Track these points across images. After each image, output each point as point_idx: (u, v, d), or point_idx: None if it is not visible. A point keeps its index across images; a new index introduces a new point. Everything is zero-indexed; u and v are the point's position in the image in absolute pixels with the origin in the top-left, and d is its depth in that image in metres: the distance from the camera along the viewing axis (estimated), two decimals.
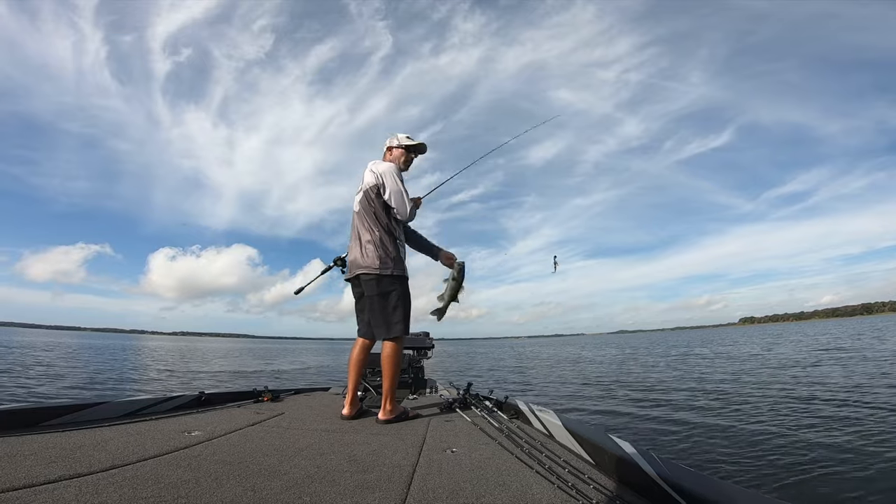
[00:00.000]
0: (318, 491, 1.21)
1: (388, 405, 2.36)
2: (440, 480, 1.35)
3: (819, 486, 2.86)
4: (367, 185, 2.50)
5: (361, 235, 2.47)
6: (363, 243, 2.45)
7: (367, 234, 2.45)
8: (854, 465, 3.16)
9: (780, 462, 3.32)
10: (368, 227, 2.46)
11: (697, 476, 1.17)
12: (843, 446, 3.62)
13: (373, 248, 2.41)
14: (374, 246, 2.42)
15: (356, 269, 2.44)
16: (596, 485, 1.29)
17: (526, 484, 1.33)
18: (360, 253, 2.44)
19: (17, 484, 1.11)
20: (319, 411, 2.57)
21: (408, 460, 1.56)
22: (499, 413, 2.29)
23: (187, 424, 1.98)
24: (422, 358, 3.86)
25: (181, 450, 1.56)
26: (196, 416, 2.21)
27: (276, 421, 2.22)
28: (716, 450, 3.76)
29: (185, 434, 1.79)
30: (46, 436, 1.59)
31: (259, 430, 2.00)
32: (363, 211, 2.49)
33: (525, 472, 1.45)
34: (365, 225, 2.47)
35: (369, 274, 2.40)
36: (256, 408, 2.57)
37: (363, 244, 2.44)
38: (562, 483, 1.30)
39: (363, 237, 2.46)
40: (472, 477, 1.39)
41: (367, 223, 2.46)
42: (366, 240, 2.44)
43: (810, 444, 3.73)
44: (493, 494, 1.24)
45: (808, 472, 3.09)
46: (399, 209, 2.48)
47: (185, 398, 2.48)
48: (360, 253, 2.44)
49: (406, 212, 2.49)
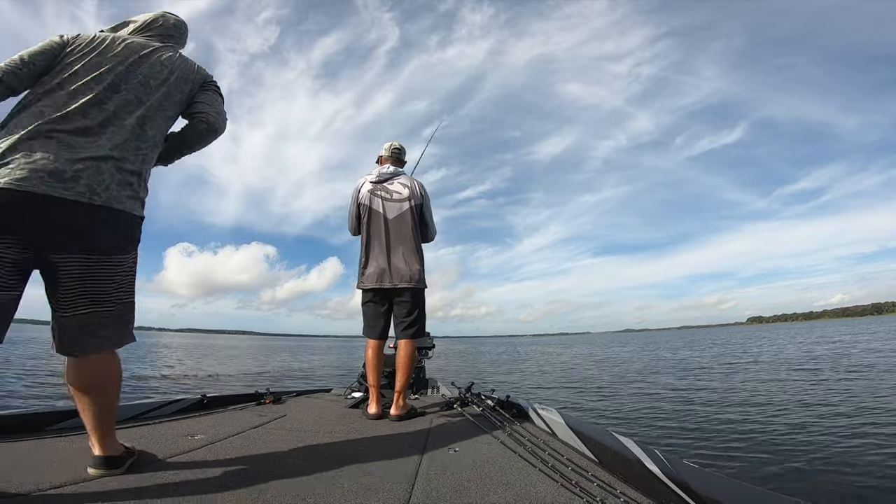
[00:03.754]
0: (322, 493, 1.21)
1: (401, 401, 2.43)
2: (443, 480, 1.35)
3: (825, 482, 2.86)
4: (415, 199, 2.58)
5: (402, 246, 2.51)
6: (405, 254, 2.50)
7: (411, 246, 2.52)
8: (860, 463, 3.16)
9: (786, 459, 3.32)
10: (413, 240, 2.53)
11: (702, 473, 1.17)
12: (850, 444, 3.62)
13: (416, 262, 2.51)
14: (417, 260, 2.52)
15: (402, 280, 2.47)
16: (600, 482, 1.29)
17: (529, 482, 1.33)
18: (405, 264, 2.48)
19: (24, 489, 1.11)
20: (322, 413, 2.57)
21: (411, 460, 1.56)
22: (501, 412, 2.30)
23: (190, 428, 1.99)
24: (423, 358, 3.85)
25: (184, 453, 1.56)
26: (199, 420, 2.22)
27: (278, 423, 2.23)
28: (720, 447, 3.76)
29: (187, 437, 1.79)
30: (52, 440, 1.59)
31: (261, 432, 2.00)
32: (408, 222, 2.54)
33: (528, 470, 1.45)
34: (408, 236, 2.53)
35: (418, 288, 2.51)
36: (259, 410, 2.57)
37: (406, 255, 2.50)
38: (565, 481, 1.30)
39: (405, 248, 2.51)
40: (476, 476, 1.39)
41: (411, 234, 2.54)
42: (410, 252, 2.51)
43: (816, 441, 3.73)
44: (497, 493, 1.24)
45: (814, 468, 3.09)
46: (433, 233, 2.70)
47: (188, 401, 2.48)
48: (405, 264, 2.48)
49: (436, 236, 2.74)
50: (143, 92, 1.33)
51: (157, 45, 1.44)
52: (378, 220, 2.55)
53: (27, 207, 1.07)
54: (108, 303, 1.22)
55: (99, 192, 1.16)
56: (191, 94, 1.48)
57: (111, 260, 1.22)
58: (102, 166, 1.18)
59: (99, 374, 1.26)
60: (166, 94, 1.39)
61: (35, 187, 1.07)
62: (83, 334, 1.19)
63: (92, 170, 1.16)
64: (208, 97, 1.52)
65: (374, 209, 2.56)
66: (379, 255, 2.51)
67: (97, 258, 1.19)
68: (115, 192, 1.20)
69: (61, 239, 1.13)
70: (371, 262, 2.53)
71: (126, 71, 1.32)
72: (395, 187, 2.60)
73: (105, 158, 1.20)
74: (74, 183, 1.12)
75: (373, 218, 2.56)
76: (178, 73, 1.44)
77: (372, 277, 2.51)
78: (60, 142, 1.15)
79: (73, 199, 1.12)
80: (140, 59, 1.36)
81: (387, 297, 2.54)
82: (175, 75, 1.42)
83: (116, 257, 1.23)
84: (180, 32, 1.60)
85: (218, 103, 1.54)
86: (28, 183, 1.07)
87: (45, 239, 1.11)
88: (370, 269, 2.53)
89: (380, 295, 2.53)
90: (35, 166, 1.09)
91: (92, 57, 1.29)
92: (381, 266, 2.49)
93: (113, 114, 1.25)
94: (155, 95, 1.35)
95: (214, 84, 1.56)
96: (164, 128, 1.40)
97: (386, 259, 2.50)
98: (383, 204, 2.56)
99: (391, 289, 2.49)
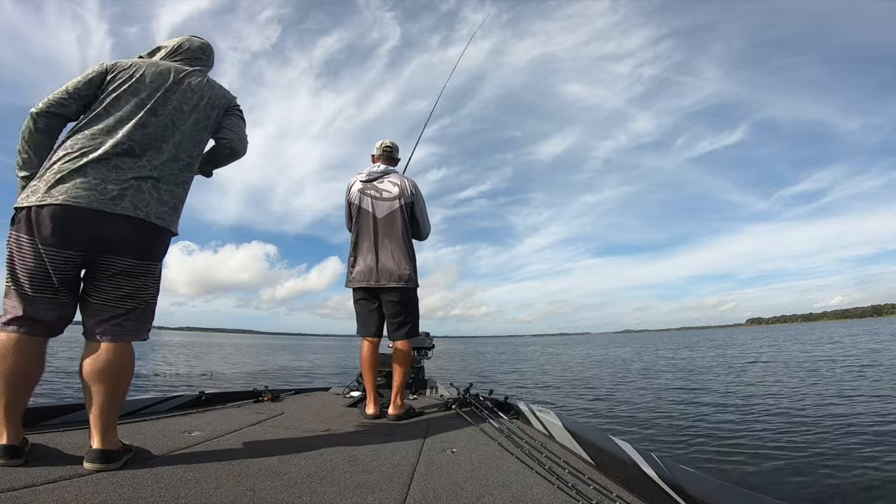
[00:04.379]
0: (318, 491, 1.21)
1: (398, 400, 2.44)
2: (440, 480, 1.35)
3: (822, 487, 2.86)
4: (406, 198, 2.56)
5: (391, 244, 2.50)
6: (394, 253, 2.49)
7: (400, 244, 2.51)
8: (860, 468, 3.15)
9: (784, 463, 3.31)
10: (402, 238, 2.52)
11: (698, 477, 1.16)
12: (849, 448, 3.61)
13: (405, 261, 2.50)
14: (407, 259, 2.51)
15: (390, 279, 2.46)
16: (596, 485, 1.29)
17: (526, 484, 1.33)
18: (394, 263, 2.47)
19: (18, 484, 1.11)
20: (319, 411, 2.57)
21: (408, 460, 1.56)
22: (499, 413, 2.29)
23: (187, 424, 1.99)
24: (422, 358, 3.85)
25: (181, 450, 1.56)
26: (196, 416, 2.21)
27: (276, 421, 2.23)
28: (717, 450, 3.75)
29: (185, 434, 1.79)
30: (46, 435, 1.59)
31: (259, 430, 2.00)
32: (397, 221, 2.53)
33: (525, 472, 1.45)
34: (398, 235, 2.52)
35: (408, 287, 2.50)
36: (256, 408, 2.57)
37: (394, 254, 2.49)
38: (562, 483, 1.30)
39: (394, 246, 2.50)
40: (472, 477, 1.39)
41: (400, 233, 2.52)
42: (399, 251, 2.50)
43: (814, 445, 3.72)
44: (493, 495, 1.24)
45: (812, 473, 3.08)
46: (426, 230, 2.68)
47: (185, 398, 2.48)
48: (394, 263, 2.47)
49: (429, 234, 2.70)
50: (178, 117, 1.49)
51: (188, 69, 1.59)
52: (367, 219, 2.54)
53: (82, 222, 1.28)
54: (134, 300, 1.40)
55: (140, 208, 1.36)
56: (217, 119, 1.64)
57: (143, 265, 1.40)
58: (143, 185, 1.38)
59: (113, 364, 1.33)
60: (197, 119, 1.54)
61: (89, 204, 1.28)
62: (108, 321, 1.35)
63: (134, 188, 1.36)
64: (232, 122, 1.68)
65: (363, 208, 2.55)
66: (367, 254, 2.51)
67: (134, 262, 1.38)
68: (153, 209, 1.39)
69: (108, 246, 1.33)
70: (359, 261, 2.53)
71: (163, 97, 1.48)
72: (384, 185, 2.58)
73: (146, 178, 1.39)
74: (121, 200, 1.32)
75: (362, 216, 2.55)
76: (208, 98, 1.59)
77: (360, 276, 2.51)
78: (109, 162, 1.34)
79: (120, 213, 1.32)
80: (173, 85, 1.51)
81: (376, 296, 2.54)
82: (205, 101, 1.57)
83: (148, 264, 1.42)
84: (206, 55, 1.73)
85: (240, 129, 1.70)
86: (83, 200, 1.27)
87: (95, 246, 1.32)
88: (358, 268, 2.52)
89: (369, 293, 2.53)
90: (88, 185, 1.29)
91: (131, 84, 1.45)
92: (370, 265, 2.49)
93: (152, 137, 1.42)
94: (187, 121, 1.52)
95: (238, 109, 1.72)
96: (195, 151, 1.56)
97: (374, 258, 2.49)
98: (372, 203, 2.55)
99: (379, 288, 2.49)
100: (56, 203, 1.25)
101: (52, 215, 1.25)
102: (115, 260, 1.35)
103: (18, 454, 1.26)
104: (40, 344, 1.31)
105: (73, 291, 1.36)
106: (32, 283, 1.27)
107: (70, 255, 1.29)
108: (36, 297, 1.28)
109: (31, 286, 1.27)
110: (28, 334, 1.27)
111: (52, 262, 1.27)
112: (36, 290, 1.28)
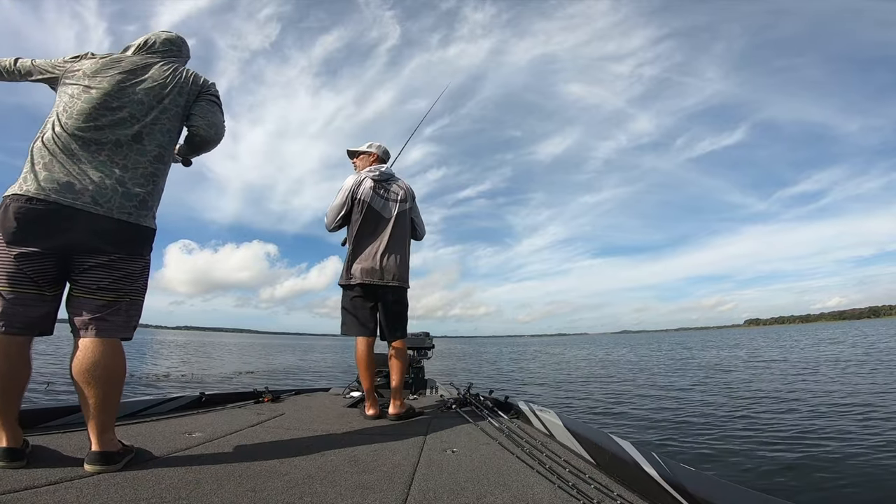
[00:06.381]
0: (319, 491, 1.21)
1: (398, 399, 2.46)
2: (441, 480, 1.35)
3: (824, 486, 2.86)
4: (409, 201, 2.67)
5: (397, 245, 2.55)
6: (398, 254, 2.54)
7: (404, 246, 2.60)
8: (861, 467, 3.16)
9: (783, 463, 3.32)
10: (404, 241, 2.60)
11: (699, 476, 1.16)
12: (849, 447, 3.62)
13: (405, 262, 2.58)
14: (407, 260, 2.59)
15: (392, 279, 2.49)
16: (597, 485, 1.29)
17: (527, 484, 1.33)
18: (396, 264, 2.52)
19: (19, 486, 1.11)
20: (320, 412, 2.57)
21: (408, 460, 1.56)
22: (499, 413, 2.29)
23: (188, 425, 1.99)
24: (422, 358, 3.86)
25: (182, 451, 1.56)
26: (197, 417, 2.21)
27: (276, 422, 2.23)
28: (718, 449, 3.76)
29: (185, 435, 1.79)
30: (47, 437, 1.59)
31: (259, 430, 2.00)
32: (405, 223, 2.62)
33: (526, 471, 1.45)
34: (404, 237, 2.60)
35: (404, 287, 2.58)
36: (257, 408, 2.57)
37: (398, 255, 2.54)
38: (563, 483, 1.30)
39: (399, 247, 2.55)
40: (473, 477, 1.39)
41: (406, 235, 2.62)
42: (403, 252, 2.57)
43: (815, 445, 3.73)
44: (494, 494, 1.24)
45: (813, 472, 3.08)
46: (423, 233, 2.80)
47: (186, 399, 2.48)
48: (396, 264, 2.52)
49: (425, 234, 2.82)
50: (139, 109, 1.45)
51: (154, 61, 1.56)
52: (377, 219, 2.53)
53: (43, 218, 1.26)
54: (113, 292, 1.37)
55: (101, 203, 1.32)
56: (187, 105, 1.58)
57: (116, 261, 1.36)
58: (106, 180, 1.34)
59: (101, 364, 1.31)
60: (163, 108, 1.50)
61: (47, 196, 1.26)
62: (91, 313, 1.33)
63: (97, 182, 1.32)
64: (202, 108, 1.61)
65: (373, 207, 2.53)
66: (373, 252, 2.50)
67: (104, 259, 1.34)
68: (116, 203, 1.34)
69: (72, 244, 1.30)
70: (361, 260, 2.50)
71: (123, 89, 1.45)
72: (394, 188, 2.63)
73: (108, 173, 1.35)
74: (81, 194, 1.29)
75: (370, 216, 2.52)
76: (173, 86, 1.54)
77: (362, 274, 2.48)
78: (72, 155, 1.32)
79: (82, 209, 1.28)
80: (137, 79, 1.48)
81: (373, 295, 2.53)
82: (169, 89, 1.53)
83: (120, 258, 1.37)
84: (176, 46, 1.68)
85: (211, 114, 1.63)
86: (45, 193, 1.26)
87: (58, 243, 1.29)
88: (360, 266, 2.49)
89: (367, 292, 2.52)
90: (52, 178, 1.28)
91: (99, 78, 1.43)
92: (374, 264, 2.48)
93: (113, 130, 1.39)
94: (152, 112, 1.47)
95: (211, 94, 1.65)
96: (164, 140, 1.50)
97: (379, 258, 2.49)
98: (386, 204, 2.56)
99: (380, 286, 2.49)
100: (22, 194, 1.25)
101: (15, 211, 1.24)
102: (84, 257, 1.33)
103: (19, 457, 1.25)
104: (21, 343, 1.28)
105: (57, 286, 1.33)
106: (10, 280, 1.26)
107: (36, 251, 1.27)
108: (15, 293, 1.26)
109: (10, 283, 1.26)
110: (6, 333, 1.25)
111: (21, 259, 1.26)
112: (15, 286, 1.27)
